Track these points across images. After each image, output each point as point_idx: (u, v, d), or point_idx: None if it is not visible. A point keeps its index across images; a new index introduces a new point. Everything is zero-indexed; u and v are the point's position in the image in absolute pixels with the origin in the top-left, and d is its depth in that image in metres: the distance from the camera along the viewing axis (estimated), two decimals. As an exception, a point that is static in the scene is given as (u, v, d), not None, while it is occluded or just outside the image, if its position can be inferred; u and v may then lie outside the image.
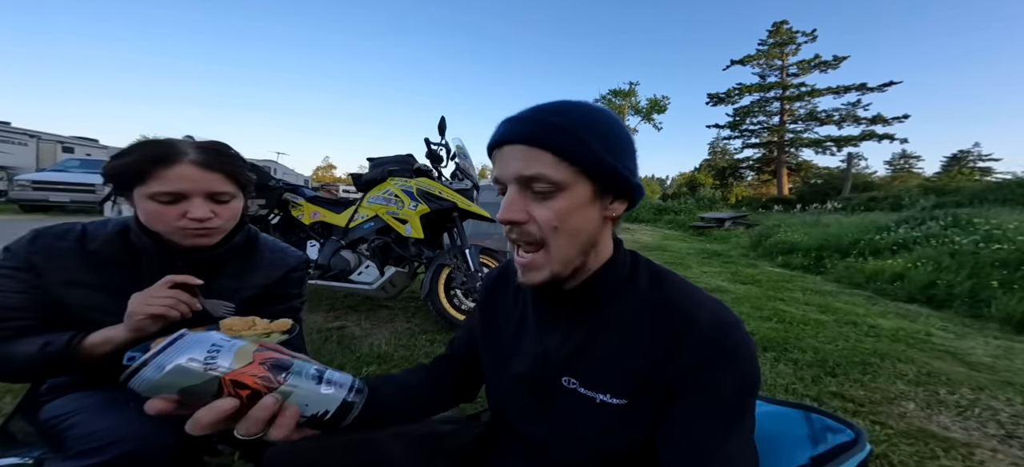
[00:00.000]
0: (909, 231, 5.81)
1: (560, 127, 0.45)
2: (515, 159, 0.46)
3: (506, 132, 0.47)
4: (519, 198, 0.47)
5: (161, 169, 0.70)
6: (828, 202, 15.87)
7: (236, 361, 0.32)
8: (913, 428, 1.61)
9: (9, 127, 12.57)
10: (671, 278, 0.53)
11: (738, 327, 0.46)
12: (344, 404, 0.38)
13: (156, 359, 0.31)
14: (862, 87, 24.28)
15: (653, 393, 0.47)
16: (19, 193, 8.71)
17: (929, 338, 2.74)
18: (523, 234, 0.48)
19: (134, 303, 0.67)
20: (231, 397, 0.33)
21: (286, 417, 0.38)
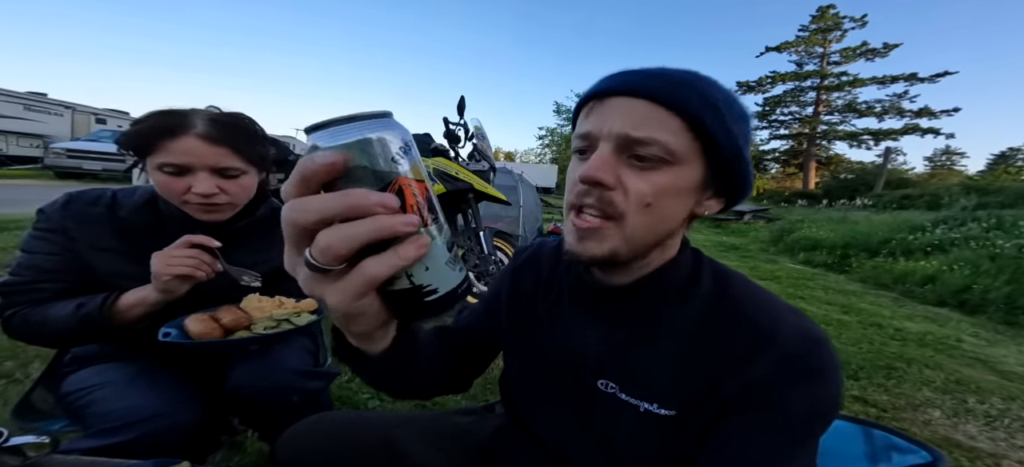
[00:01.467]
0: (947, 232, 5.51)
1: (697, 90, 0.39)
2: (624, 114, 0.39)
3: (623, 82, 0.40)
4: (612, 159, 0.40)
5: (167, 140, 0.69)
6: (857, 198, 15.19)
7: (411, 172, 0.27)
8: (937, 436, 1.54)
9: (46, 98, 13.11)
10: (740, 282, 0.46)
11: (825, 344, 0.40)
12: (452, 294, 0.30)
13: (361, 124, 0.26)
14: (912, 77, 22.74)
15: (708, 407, 0.41)
16: (54, 160, 9.23)
17: (959, 344, 2.62)
18: (601, 200, 0.40)
19: (156, 263, 0.67)
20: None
21: (410, 250, 0.26)
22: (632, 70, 0.42)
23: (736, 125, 0.40)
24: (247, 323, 0.76)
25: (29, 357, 1.51)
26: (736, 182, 0.43)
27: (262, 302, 0.78)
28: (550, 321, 0.54)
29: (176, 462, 0.55)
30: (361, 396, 1.47)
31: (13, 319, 0.70)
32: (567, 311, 0.52)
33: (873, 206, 12.83)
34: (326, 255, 0.25)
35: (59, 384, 0.77)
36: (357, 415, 0.67)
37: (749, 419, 0.39)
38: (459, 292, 0.30)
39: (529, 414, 0.56)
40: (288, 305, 0.80)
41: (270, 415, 0.81)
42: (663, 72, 0.40)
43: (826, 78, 25.01)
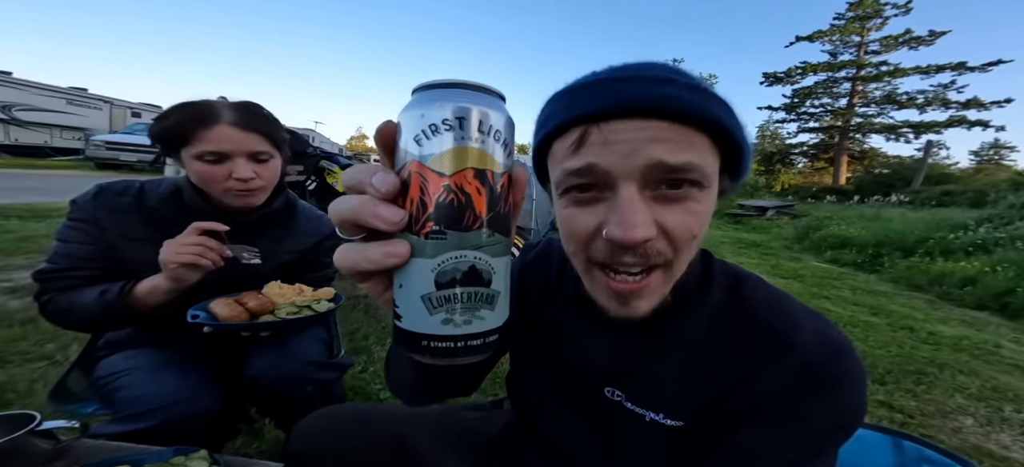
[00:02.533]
0: (991, 231, 5.19)
1: (719, 99, 0.34)
2: (652, 139, 0.32)
3: (629, 100, 0.32)
4: (643, 204, 0.33)
5: (202, 130, 0.72)
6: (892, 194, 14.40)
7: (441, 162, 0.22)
8: (968, 445, 1.47)
9: (86, 93, 13.86)
10: (754, 285, 0.43)
11: (848, 352, 0.36)
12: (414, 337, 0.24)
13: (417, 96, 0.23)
14: (960, 66, 21.19)
15: (717, 417, 0.39)
16: (94, 152, 9.87)
17: (998, 350, 2.47)
18: (644, 257, 0.34)
19: (165, 252, 0.69)
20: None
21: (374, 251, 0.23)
22: (622, 77, 0.34)
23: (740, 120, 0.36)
24: (271, 308, 0.78)
25: (68, 340, 1.61)
26: (739, 178, 0.39)
27: (283, 289, 0.81)
28: (557, 327, 0.52)
29: (195, 450, 0.57)
30: (373, 386, 1.50)
31: (48, 305, 0.74)
32: (574, 318, 0.51)
33: (910, 203, 12.16)
34: (333, 221, 0.25)
35: (92, 368, 0.82)
36: (367, 409, 0.68)
37: (759, 431, 0.37)
38: (424, 344, 0.23)
39: (536, 416, 0.55)
40: (308, 293, 0.82)
41: (285, 404, 0.84)
42: (664, 76, 0.34)
43: (863, 68, 23.60)
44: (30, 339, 1.59)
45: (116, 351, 0.82)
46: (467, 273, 0.23)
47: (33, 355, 1.50)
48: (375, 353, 1.75)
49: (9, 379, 1.34)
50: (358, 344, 1.80)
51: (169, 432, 0.67)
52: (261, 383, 0.80)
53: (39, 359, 1.48)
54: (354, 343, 1.81)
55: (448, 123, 0.22)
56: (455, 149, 0.22)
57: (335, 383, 0.89)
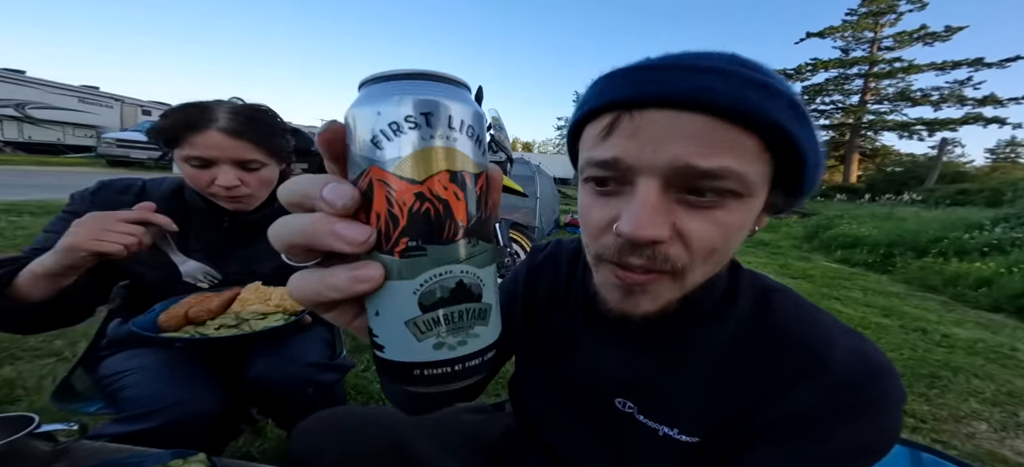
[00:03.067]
0: (1008, 230, 5.06)
1: (782, 95, 0.29)
2: (677, 136, 0.29)
3: (666, 87, 0.29)
4: (661, 205, 0.30)
5: (192, 134, 0.71)
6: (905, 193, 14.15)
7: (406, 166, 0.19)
8: (981, 450, 1.44)
9: (98, 91, 14.11)
10: (785, 299, 0.40)
11: (889, 373, 0.33)
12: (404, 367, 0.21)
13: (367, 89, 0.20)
14: (977, 62, 20.73)
15: (733, 434, 0.37)
16: (106, 149, 10.09)
17: (1014, 353, 2.41)
18: (652, 258, 0.32)
19: (82, 233, 0.60)
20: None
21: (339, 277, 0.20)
22: (666, 65, 0.31)
23: (812, 128, 0.32)
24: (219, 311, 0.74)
25: (77, 336, 1.63)
26: (801, 194, 0.34)
27: (261, 292, 0.79)
28: (566, 333, 0.50)
29: (193, 453, 0.57)
30: (375, 386, 1.50)
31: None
32: (584, 325, 0.48)
33: (923, 201, 11.94)
34: (276, 246, 0.21)
35: (96, 367, 0.82)
36: (367, 412, 0.68)
37: (781, 449, 0.34)
38: (417, 373, 0.21)
39: (540, 423, 0.54)
40: (276, 296, 0.79)
41: (286, 406, 0.84)
42: (715, 66, 0.29)
43: (876, 64, 23.19)
44: (39, 335, 1.61)
45: (119, 350, 0.82)
46: (455, 290, 0.20)
47: (42, 351, 1.52)
48: (378, 352, 1.75)
49: (18, 375, 1.36)
50: (360, 342, 1.79)
51: (171, 433, 0.66)
52: (262, 384, 0.79)
53: (48, 355, 1.50)
54: (355, 342, 1.81)
55: (412, 120, 0.18)
56: (424, 150, 0.19)
57: (336, 384, 0.88)
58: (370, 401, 1.44)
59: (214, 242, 0.84)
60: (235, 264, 0.85)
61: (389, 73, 0.20)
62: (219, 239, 0.84)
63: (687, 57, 0.31)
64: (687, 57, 0.31)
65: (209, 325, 0.71)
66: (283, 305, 0.77)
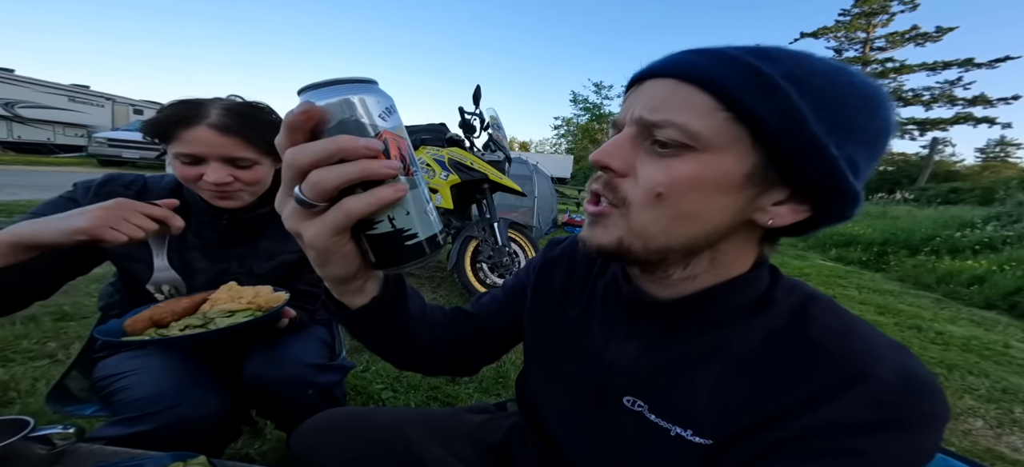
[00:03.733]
0: (999, 229, 5.14)
1: (745, 63, 0.32)
2: (647, 96, 0.36)
3: (657, 62, 0.37)
4: (628, 144, 0.37)
5: (182, 130, 0.70)
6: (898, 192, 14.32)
7: (395, 130, 0.31)
8: (978, 448, 1.45)
9: (88, 90, 13.89)
10: (826, 309, 0.38)
11: (932, 391, 0.32)
12: (431, 240, 0.33)
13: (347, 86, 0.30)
14: (967, 63, 21.01)
15: (754, 442, 0.36)
16: (97, 149, 9.94)
17: (1007, 350, 2.44)
18: (607, 186, 0.38)
19: (99, 219, 0.58)
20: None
21: (388, 191, 0.28)
22: (675, 52, 0.37)
23: (826, 106, 0.31)
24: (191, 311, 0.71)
25: (70, 338, 1.61)
26: (815, 181, 0.33)
27: (233, 291, 0.75)
28: (579, 327, 0.49)
29: (194, 456, 0.55)
30: (375, 386, 1.49)
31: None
32: (599, 319, 0.48)
33: (916, 200, 12.09)
34: (314, 190, 0.28)
35: (92, 368, 0.80)
36: (369, 412, 0.67)
37: (804, 458, 0.33)
38: (438, 240, 0.33)
39: (547, 419, 0.53)
40: (248, 295, 0.74)
41: (285, 407, 0.83)
42: (713, 49, 0.35)
43: (868, 65, 23.41)
44: (32, 337, 1.58)
45: (116, 351, 0.80)
46: (427, 192, 0.34)
47: (36, 354, 1.50)
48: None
49: (11, 378, 1.33)
50: (359, 344, 1.79)
51: (169, 434, 0.65)
52: (261, 386, 0.78)
53: (41, 358, 1.48)
54: (355, 342, 1.80)
55: (391, 107, 0.31)
56: (401, 125, 0.31)
57: (336, 386, 0.87)
58: (370, 402, 1.43)
59: (213, 240, 0.83)
60: (234, 262, 0.84)
61: (364, 78, 0.31)
62: (218, 237, 0.83)
63: (693, 48, 0.37)
64: (693, 48, 0.37)
65: (173, 327, 0.68)
66: (255, 303, 0.74)
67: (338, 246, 0.31)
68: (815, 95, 0.31)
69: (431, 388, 1.52)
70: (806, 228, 0.38)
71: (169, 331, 0.67)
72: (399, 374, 1.56)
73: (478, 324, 0.58)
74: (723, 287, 0.39)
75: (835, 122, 0.32)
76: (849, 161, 0.32)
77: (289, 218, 0.30)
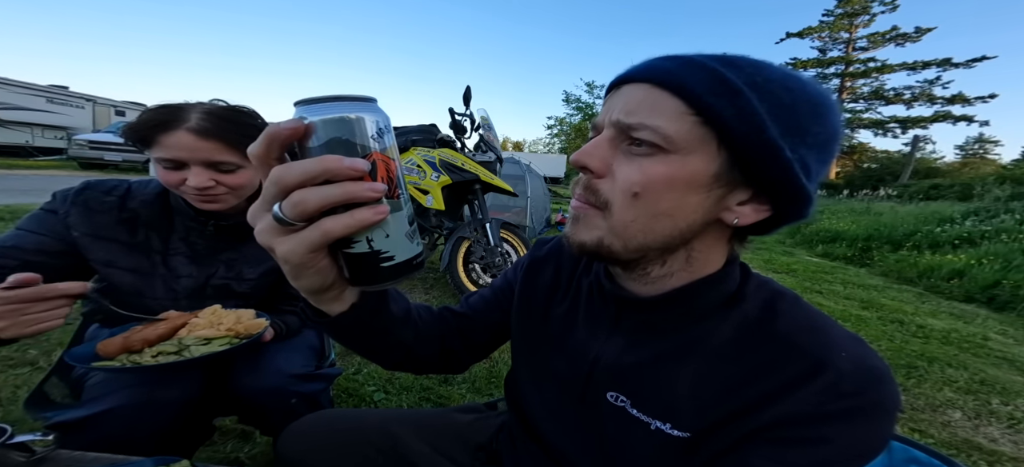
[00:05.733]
0: (978, 224, 5.29)
1: (711, 71, 0.34)
2: (624, 100, 0.37)
3: (634, 68, 0.39)
4: (606, 146, 0.38)
5: (162, 135, 0.69)
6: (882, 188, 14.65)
7: (386, 151, 0.31)
8: (957, 439, 1.49)
9: (67, 91, 13.52)
10: (793, 304, 0.41)
11: (888, 380, 0.35)
12: (407, 263, 0.33)
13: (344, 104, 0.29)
14: (945, 62, 21.63)
15: (729, 433, 0.38)
16: (77, 151, 9.59)
17: (986, 342, 2.51)
18: (587, 187, 0.39)
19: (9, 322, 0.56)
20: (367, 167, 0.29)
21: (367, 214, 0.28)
22: (652, 58, 0.39)
23: (781, 113, 0.33)
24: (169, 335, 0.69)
25: (52, 345, 1.57)
26: (777, 186, 0.35)
27: (217, 315, 0.74)
28: (565, 325, 0.51)
29: (176, 460, 0.55)
30: (367, 389, 1.48)
31: None
32: (584, 317, 0.49)
33: (898, 197, 12.36)
34: (295, 210, 0.28)
35: (71, 371, 0.79)
36: (359, 413, 0.67)
37: (778, 452, 0.35)
38: (414, 263, 0.33)
39: (535, 417, 0.54)
40: (228, 321, 0.73)
41: (268, 417, 0.82)
42: (684, 56, 0.37)
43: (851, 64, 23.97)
44: (12, 344, 1.54)
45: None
46: (413, 212, 0.34)
47: (16, 361, 1.46)
48: (369, 354, 1.72)
49: (-10, 386, 1.30)
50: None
51: (131, 415, 0.64)
52: (241, 394, 0.77)
53: (22, 365, 1.44)
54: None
55: (386, 127, 0.31)
56: (393, 144, 0.32)
57: (322, 394, 0.86)
58: (362, 404, 1.42)
59: (200, 246, 0.81)
60: (221, 268, 0.83)
61: (363, 96, 0.31)
62: (204, 243, 0.81)
63: (668, 54, 0.38)
64: (668, 54, 0.38)
65: (146, 353, 0.66)
66: (235, 330, 0.72)
67: (313, 262, 0.31)
68: (773, 101, 0.34)
69: (423, 389, 1.51)
70: (768, 227, 0.40)
71: (141, 357, 0.65)
72: (391, 376, 1.56)
73: (466, 323, 0.59)
74: (699, 284, 0.41)
75: (789, 126, 0.34)
76: (801, 163, 0.35)
77: (262, 233, 0.30)
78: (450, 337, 0.57)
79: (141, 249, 0.77)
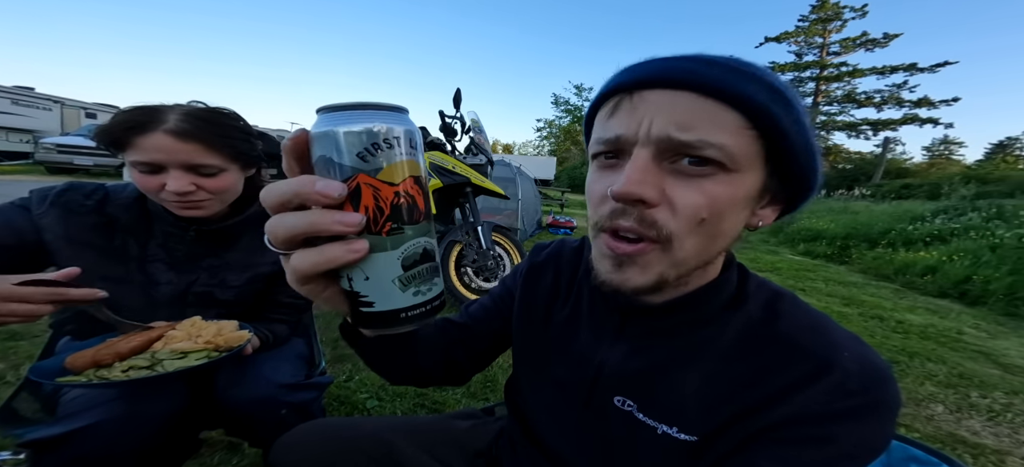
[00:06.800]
0: (947, 222, 5.51)
1: (757, 76, 0.32)
2: (667, 110, 0.32)
3: (661, 70, 0.33)
4: (654, 169, 0.33)
5: (137, 137, 0.65)
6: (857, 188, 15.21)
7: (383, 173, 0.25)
8: (942, 433, 1.53)
9: (33, 93, 12.90)
10: (793, 304, 0.41)
11: (890, 378, 0.35)
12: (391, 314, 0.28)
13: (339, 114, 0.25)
14: (912, 67, 22.67)
15: (735, 434, 0.37)
16: (45, 156, 9.11)
17: (961, 337, 2.61)
18: (641, 221, 0.34)
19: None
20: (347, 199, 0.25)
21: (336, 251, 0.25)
22: (666, 56, 0.34)
23: (804, 117, 0.34)
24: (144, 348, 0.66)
25: (20, 358, 1.48)
26: (804, 186, 0.36)
27: (197, 327, 0.70)
28: (567, 330, 0.50)
29: None
30: (360, 396, 1.44)
31: None
32: (587, 322, 0.48)
33: (872, 196, 12.84)
34: (270, 235, 0.26)
35: (41, 386, 0.74)
36: (354, 422, 0.65)
37: (786, 452, 0.35)
38: (402, 316, 0.28)
39: (536, 422, 0.53)
40: (208, 333, 0.70)
41: (257, 428, 0.79)
42: (707, 57, 0.33)
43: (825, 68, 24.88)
44: (-27, 359, 1.45)
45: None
46: (422, 255, 0.29)
47: (-22, 377, 1.37)
48: (359, 361, 1.67)
49: (-51, 406, 1.21)
50: (341, 352, 1.73)
51: (111, 432, 0.60)
52: (228, 406, 0.74)
53: (-14, 382, 1.35)
54: (338, 351, 1.74)
55: (388, 142, 0.26)
56: (398, 163, 0.26)
57: (313, 403, 0.83)
58: (355, 412, 1.38)
59: (180, 253, 0.77)
60: (203, 275, 0.79)
61: (358, 103, 0.26)
62: (185, 249, 0.78)
63: (693, 53, 0.34)
64: (693, 53, 0.34)
65: (116, 367, 0.61)
66: (214, 342, 0.68)
67: (313, 293, 0.29)
68: (801, 105, 0.34)
69: (418, 395, 1.48)
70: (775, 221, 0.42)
71: (111, 372, 0.61)
72: (384, 382, 1.52)
73: (467, 333, 0.58)
74: (706, 288, 0.41)
75: (808, 126, 0.35)
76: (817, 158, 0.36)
77: None
78: (453, 348, 0.56)
79: (117, 255, 0.74)
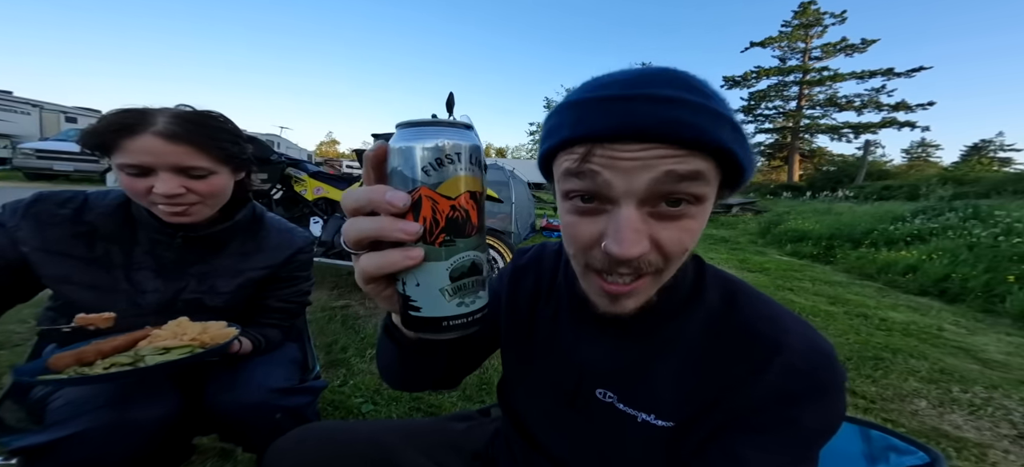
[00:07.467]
0: (926, 222, 5.68)
1: (727, 119, 0.34)
2: (651, 166, 0.33)
3: (630, 123, 0.32)
4: (640, 221, 0.34)
5: (125, 139, 0.64)
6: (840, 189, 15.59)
7: (443, 188, 0.28)
8: (926, 427, 1.58)
9: (11, 96, 12.49)
10: (748, 294, 0.44)
11: (834, 358, 0.39)
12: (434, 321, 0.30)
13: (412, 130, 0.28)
14: (889, 72, 23.48)
15: (709, 420, 0.41)
16: (23, 161, 8.81)
17: (941, 333, 2.69)
18: (635, 269, 0.36)
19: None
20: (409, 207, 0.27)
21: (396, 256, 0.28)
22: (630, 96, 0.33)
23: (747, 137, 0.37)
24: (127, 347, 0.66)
25: (1, 368, 1.43)
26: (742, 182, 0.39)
27: (180, 327, 0.70)
28: (551, 330, 0.52)
29: None
30: (354, 400, 1.43)
31: None
32: (568, 322, 0.51)
33: (855, 197, 13.18)
34: (344, 236, 0.30)
35: (27, 394, 0.73)
36: (351, 426, 0.65)
37: (752, 434, 0.39)
38: (445, 324, 0.30)
39: (529, 421, 0.55)
40: (192, 333, 0.69)
41: (250, 434, 0.78)
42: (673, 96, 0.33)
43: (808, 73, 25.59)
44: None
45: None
46: (470, 268, 0.30)
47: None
48: (354, 365, 1.67)
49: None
50: (336, 357, 1.71)
51: (101, 439, 0.58)
52: (220, 411, 0.73)
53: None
54: (331, 356, 1.72)
55: (450, 157, 0.28)
56: (456, 178, 0.28)
57: (308, 407, 0.82)
58: (350, 416, 1.37)
59: (167, 260, 0.76)
60: (191, 282, 0.78)
61: (429, 121, 0.28)
62: (173, 256, 0.76)
63: (642, 80, 0.34)
64: (642, 80, 0.34)
65: (98, 364, 0.61)
66: (200, 340, 0.68)
67: (375, 292, 0.32)
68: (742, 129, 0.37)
69: (413, 399, 1.47)
70: None
71: (92, 369, 0.60)
72: (379, 386, 1.51)
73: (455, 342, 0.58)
74: (669, 285, 0.43)
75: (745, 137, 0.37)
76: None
77: None
78: (445, 354, 0.56)
79: (100, 264, 0.72)
